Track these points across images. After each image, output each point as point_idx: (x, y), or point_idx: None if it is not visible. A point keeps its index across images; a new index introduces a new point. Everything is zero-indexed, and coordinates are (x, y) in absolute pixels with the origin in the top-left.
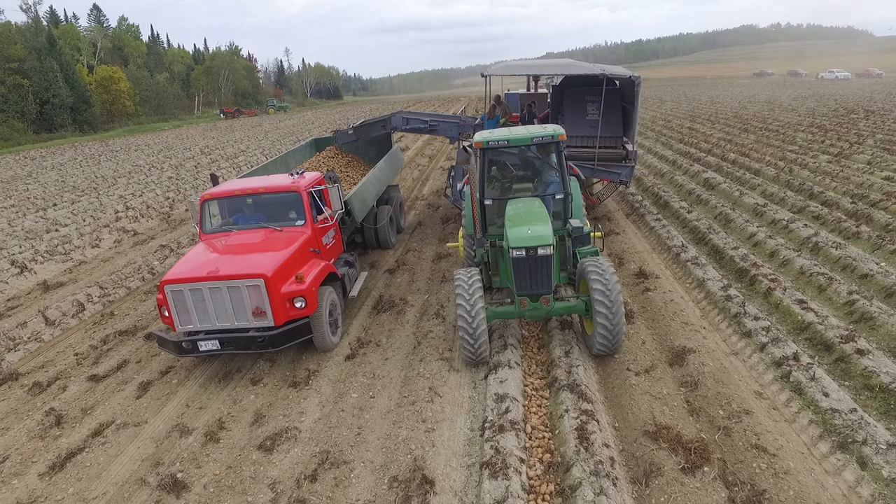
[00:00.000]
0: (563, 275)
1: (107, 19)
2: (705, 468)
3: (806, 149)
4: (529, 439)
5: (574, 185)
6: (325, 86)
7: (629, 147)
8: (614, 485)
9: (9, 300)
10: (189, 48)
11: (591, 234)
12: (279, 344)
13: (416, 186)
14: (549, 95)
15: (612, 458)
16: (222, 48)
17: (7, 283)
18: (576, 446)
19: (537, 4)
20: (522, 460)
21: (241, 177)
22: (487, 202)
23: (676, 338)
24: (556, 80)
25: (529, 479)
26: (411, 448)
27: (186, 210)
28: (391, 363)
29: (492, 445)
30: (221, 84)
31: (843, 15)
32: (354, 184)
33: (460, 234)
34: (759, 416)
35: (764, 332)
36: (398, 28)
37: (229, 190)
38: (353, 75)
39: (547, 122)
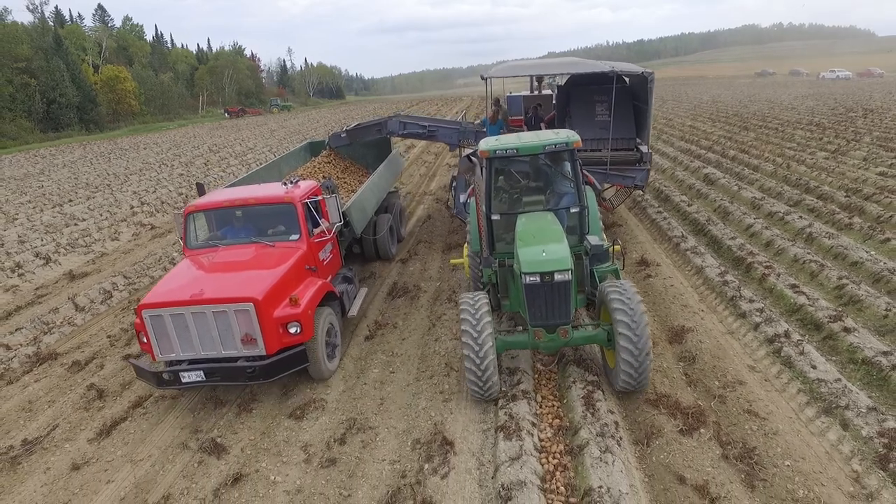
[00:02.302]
0: (581, 297)
1: (111, 19)
2: (701, 430)
3: (804, 146)
4: (540, 407)
5: (590, 196)
6: (328, 85)
7: (643, 149)
8: (618, 444)
9: (37, 289)
10: (191, 48)
11: (610, 248)
12: (272, 374)
13: (424, 182)
14: (553, 97)
15: (616, 422)
16: (226, 48)
17: (34, 273)
18: (583, 412)
19: (538, 4)
20: (534, 424)
21: (230, 185)
22: (495, 217)
23: (676, 318)
24: (559, 80)
25: (541, 440)
26: (431, 415)
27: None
28: (408, 342)
29: (506, 412)
30: (225, 84)
31: (845, 15)
32: (352, 191)
33: (465, 250)
34: (752, 386)
35: (758, 314)
36: (398, 28)
37: (217, 201)
38: (354, 75)
39: (552, 125)
